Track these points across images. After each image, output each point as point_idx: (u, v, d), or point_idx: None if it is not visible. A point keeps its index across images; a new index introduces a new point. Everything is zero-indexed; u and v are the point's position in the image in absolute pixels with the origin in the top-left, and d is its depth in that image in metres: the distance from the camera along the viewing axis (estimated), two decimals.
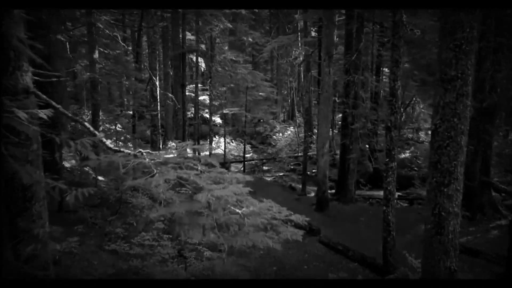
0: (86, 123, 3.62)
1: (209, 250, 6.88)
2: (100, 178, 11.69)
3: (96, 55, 11.91)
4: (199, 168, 3.48)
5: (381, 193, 16.60)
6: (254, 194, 12.88)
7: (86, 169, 11.29)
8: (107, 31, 11.33)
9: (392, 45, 6.85)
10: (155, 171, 2.87)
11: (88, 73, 10.75)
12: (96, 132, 3.27)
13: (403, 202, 15.37)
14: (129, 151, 3.13)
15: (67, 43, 11.28)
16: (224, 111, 16.97)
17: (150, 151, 3.24)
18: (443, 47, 4.70)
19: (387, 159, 7.02)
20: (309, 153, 21.31)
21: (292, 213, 3.77)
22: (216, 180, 3.43)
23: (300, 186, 17.24)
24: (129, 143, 13.87)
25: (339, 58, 16.48)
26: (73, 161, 11.62)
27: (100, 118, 12.27)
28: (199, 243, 6.66)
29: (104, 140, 3.16)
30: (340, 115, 23.29)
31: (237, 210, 3.14)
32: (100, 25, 11.74)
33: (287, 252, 8.91)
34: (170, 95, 15.07)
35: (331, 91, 11.68)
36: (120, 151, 3.21)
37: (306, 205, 13.33)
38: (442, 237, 5.01)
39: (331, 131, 19.12)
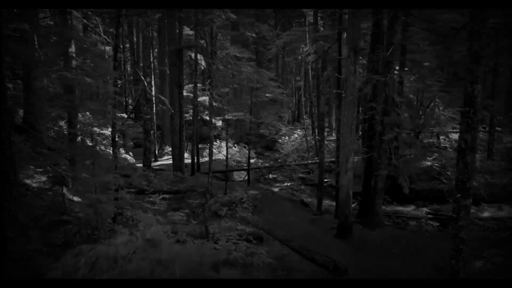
0: None
1: None
2: (75, 199, 9.63)
3: (72, 49, 9.85)
4: None
5: (407, 209, 14.67)
6: (261, 212, 10.52)
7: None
8: (85, 20, 9.27)
9: (470, 32, 4.76)
10: None
11: (61, 72, 8.67)
12: None
13: (432, 220, 13.26)
14: None
15: (35, 35, 9.22)
16: (227, 117, 14.87)
17: None
18: None
19: (459, 194, 4.95)
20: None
21: None
22: None
23: (313, 201, 15.19)
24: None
25: None
26: (43, 179, 9.53)
27: (79, 126, 10.20)
28: None
29: None
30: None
31: None
32: (77, 14, 9.67)
33: None
34: (162, 97, 12.95)
35: (356, 94, 9.61)
36: None
37: (323, 229, 11.26)
38: None
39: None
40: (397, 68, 13.94)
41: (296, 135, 25.97)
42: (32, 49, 8.90)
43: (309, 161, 20.62)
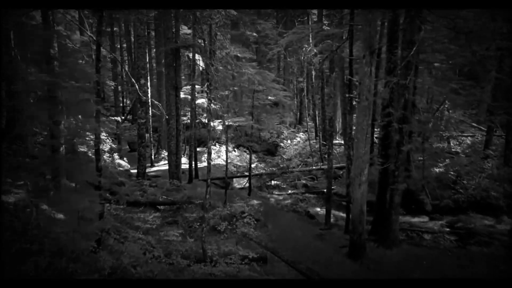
0: None
1: None
2: (59, 216, 8.57)
3: (54, 50, 8.84)
4: None
5: (420, 220, 13.64)
6: (265, 226, 9.29)
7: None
8: (68, 16, 8.26)
9: None
10: None
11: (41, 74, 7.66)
12: None
13: (449, 234, 12.23)
14: None
15: (11, 33, 8.21)
16: (227, 123, 13.84)
17: None
18: None
19: None
20: (324, 166, 18.25)
21: None
22: None
23: (320, 212, 14.15)
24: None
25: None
26: (22, 194, 8.47)
27: (63, 134, 9.15)
28: None
29: None
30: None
31: None
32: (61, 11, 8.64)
33: None
34: (156, 102, 11.92)
35: (372, 98, 8.59)
36: None
37: (333, 246, 10.23)
38: None
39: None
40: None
41: (298, 139, 24.94)
42: (8, 49, 7.90)
43: (313, 167, 19.58)
